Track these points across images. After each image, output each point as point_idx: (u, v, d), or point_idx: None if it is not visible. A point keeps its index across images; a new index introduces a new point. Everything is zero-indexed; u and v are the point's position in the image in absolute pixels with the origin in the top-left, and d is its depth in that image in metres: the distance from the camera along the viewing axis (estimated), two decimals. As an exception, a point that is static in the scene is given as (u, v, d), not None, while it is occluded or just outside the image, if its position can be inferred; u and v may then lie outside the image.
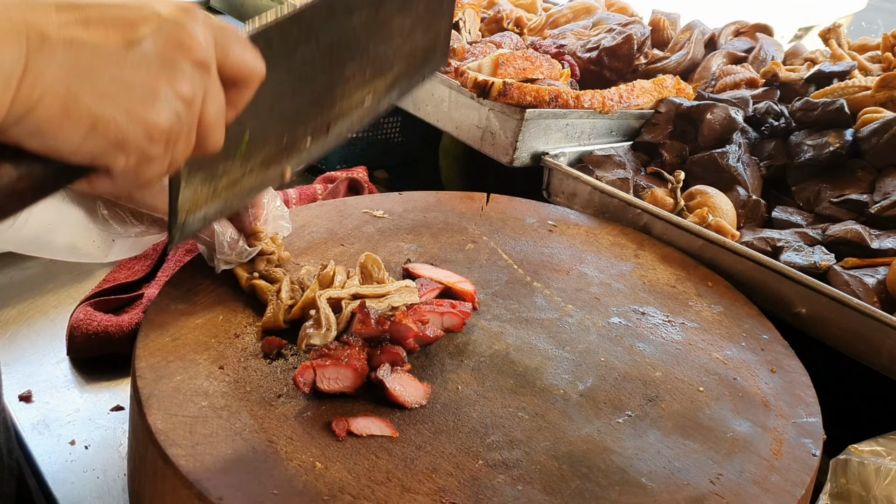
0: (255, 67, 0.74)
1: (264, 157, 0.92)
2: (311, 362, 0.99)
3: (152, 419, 0.92)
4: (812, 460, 0.97)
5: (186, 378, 0.99)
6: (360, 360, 1.01)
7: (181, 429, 0.91)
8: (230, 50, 0.71)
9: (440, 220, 1.42)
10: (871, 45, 2.05)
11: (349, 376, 1.00)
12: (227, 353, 1.05)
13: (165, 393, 0.96)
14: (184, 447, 0.89)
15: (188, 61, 0.66)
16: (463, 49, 1.92)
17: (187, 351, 1.04)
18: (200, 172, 0.84)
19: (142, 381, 0.97)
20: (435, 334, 1.10)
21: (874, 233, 1.40)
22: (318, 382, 0.99)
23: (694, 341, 1.17)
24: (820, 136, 1.60)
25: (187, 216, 0.87)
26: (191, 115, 0.68)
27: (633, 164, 1.66)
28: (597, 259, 1.36)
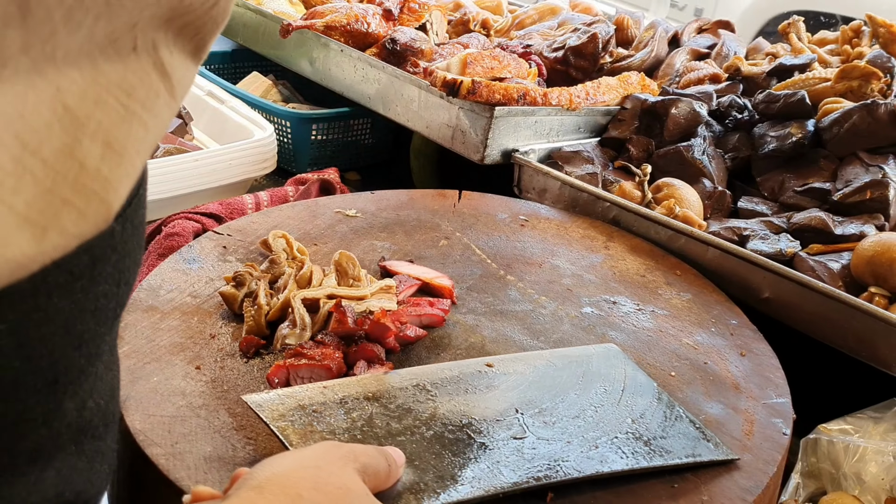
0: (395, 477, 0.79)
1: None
2: (284, 362, 1.00)
3: (130, 420, 0.92)
4: (783, 439, 1.00)
5: (163, 379, 0.99)
6: (334, 360, 1.01)
7: (159, 428, 0.92)
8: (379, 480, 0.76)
9: (413, 218, 1.43)
10: (829, 38, 2.10)
11: (323, 375, 1.00)
12: (203, 354, 1.05)
13: (142, 394, 0.96)
14: (163, 446, 0.89)
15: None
16: (431, 50, 1.93)
17: (163, 353, 1.04)
18: None
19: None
20: (416, 334, 1.10)
21: (837, 219, 1.43)
22: (292, 381, 0.99)
23: (664, 328, 1.19)
24: (782, 128, 1.64)
25: None
26: None
27: (601, 160, 1.69)
28: (568, 252, 1.38)
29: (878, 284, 1.28)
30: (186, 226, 1.47)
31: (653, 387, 1.02)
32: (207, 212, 1.53)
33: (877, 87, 1.67)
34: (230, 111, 1.95)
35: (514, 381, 1.00)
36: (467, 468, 0.86)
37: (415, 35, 1.94)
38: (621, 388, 1.01)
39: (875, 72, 1.67)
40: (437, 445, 0.88)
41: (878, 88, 1.67)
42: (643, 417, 0.97)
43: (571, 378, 1.02)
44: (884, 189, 1.45)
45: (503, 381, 1.00)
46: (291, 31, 2.00)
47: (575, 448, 0.91)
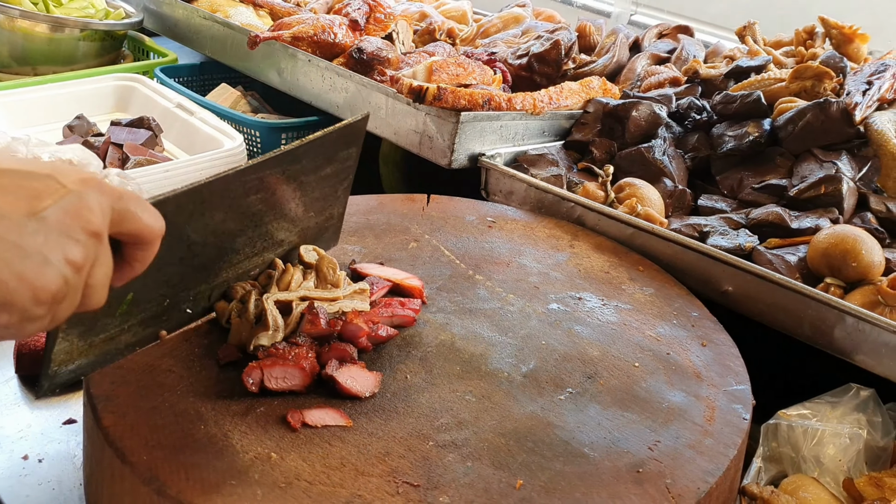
0: (155, 227, 0.78)
1: (143, 317, 0.97)
2: (258, 362, 1.02)
3: (107, 421, 0.94)
4: (743, 423, 1.04)
5: (140, 382, 1.01)
6: (308, 360, 1.03)
7: (137, 428, 0.93)
8: (129, 214, 0.75)
9: (382, 222, 1.46)
10: (784, 41, 2.16)
11: (297, 375, 1.02)
12: (178, 357, 1.07)
13: (119, 396, 0.98)
14: (140, 446, 0.91)
15: (83, 231, 0.70)
16: (397, 59, 1.97)
17: (139, 356, 1.06)
18: (79, 327, 0.88)
19: (95, 388, 0.99)
20: (388, 334, 1.13)
21: (794, 214, 1.48)
22: (266, 382, 1.01)
23: (628, 322, 1.22)
24: (740, 127, 1.69)
25: (59, 367, 0.90)
26: (78, 279, 0.71)
27: (566, 162, 1.73)
28: (534, 251, 1.41)
29: (834, 275, 1.32)
30: (158, 235, 1.48)
31: None
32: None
33: (829, 87, 1.73)
34: (200, 122, 1.97)
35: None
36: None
37: (381, 44, 1.97)
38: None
39: (827, 71, 1.73)
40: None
41: (830, 87, 1.73)
42: None
43: None
44: (837, 184, 1.50)
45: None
46: (259, 43, 2.02)
47: None
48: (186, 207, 0.93)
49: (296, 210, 1.12)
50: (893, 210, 1.50)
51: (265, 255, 1.12)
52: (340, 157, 1.15)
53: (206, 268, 1.03)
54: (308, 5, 2.50)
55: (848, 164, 1.57)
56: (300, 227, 1.15)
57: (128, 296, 0.92)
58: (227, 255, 1.06)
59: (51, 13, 2.34)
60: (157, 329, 1.01)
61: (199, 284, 1.04)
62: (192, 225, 0.95)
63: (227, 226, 1.01)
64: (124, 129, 1.83)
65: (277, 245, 1.14)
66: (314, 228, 1.18)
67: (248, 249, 1.08)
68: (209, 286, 1.07)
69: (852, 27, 1.95)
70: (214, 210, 0.97)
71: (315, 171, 1.11)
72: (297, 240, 1.17)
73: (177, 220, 0.91)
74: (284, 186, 1.07)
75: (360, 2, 2.20)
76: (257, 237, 1.08)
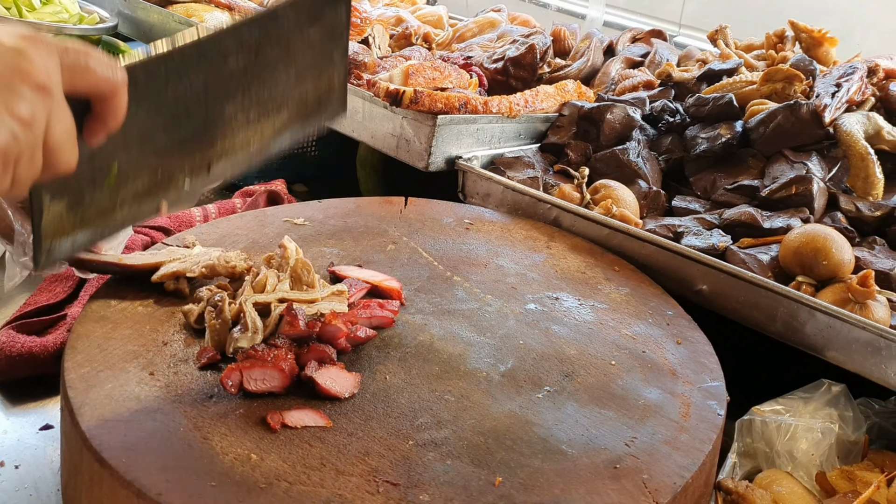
0: (112, 77, 0.76)
1: (137, 191, 0.95)
2: (237, 364, 1.02)
3: (86, 425, 0.94)
4: (717, 419, 1.05)
5: (117, 385, 1.01)
6: (287, 361, 1.03)
7: (115, 432, 0.93)
8: (80, 68, 0.74)
9: (361, 225, 1.47)
10: (755, 44, 2.19)
11: (276, 376, 1.02)
12: (156, 361, 1.07)
13: (97, 400, 0.98)
14: (119, 449, 0.91)
15: (27, 85, 0.70)
16: (374, 63, 1.97)
17: (116, 360, 1.06)
18: (65, 198, 0.87)
19: (72, 391, 0.99)
20: (367, 335, 1.13)
21: (766, 214, 1.51)
22: (246, 384, 1.02)
23: (604, 321, 1.24)
24: (712, 129, 1.71)
25: (53, 241, 0.89)
26: (31, 135, 0.71)
27: (542, 164, 1.74)
28: (512, 252, 1.43)
29: (805, 273, 1.34)
30: (136, 238, 1.48)
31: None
32: (156, 225, 1.55)
33: (799, 89, 1.75)
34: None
35: None
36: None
37: (357, 48, 1.97)
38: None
39: (797, 74, 1.76)
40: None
41: (800, 90, 1.75)
42: None
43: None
44: (808, 184, 1.53)
45: None
46: (235, 47, 2.02)
47: None
48: (159, 73, 0.90)
49: (287, 76, 1.07)
50: (862, 209, 1.53)
51: (262, 125, 1.07)
52: (328, 18, 1.10)
53: (197, 137, 0.99)
54: (284, 10, 2.50)
55: (818, 165, 1.59)
56: (297, 96, 1.10)
57: (113, 167, 0.89)
58: (219, 124, 1.01)
59: (23, 18, 2.33)
60: (155, 203, 0.98)
61: (192, 155, 1.00)
62: (169, 91, 0.92)
63: (210, 92, 0.97)
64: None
65: (274, 114, 1.08)
66: (314, 99, 1.13)
67: (241, 117, 1.03)
68: (204, 157, 1.02)
69: (821, 31, 1.98)
70: (192, 74, 0.94)
71: (300, 32, 1.06)
72: (296, 111, 1.11)
73: (151, 86, 0.89)
74: (268, 49, 1.02)
75: (335, 6, 2.20)
76: (249, 105, 1.04)
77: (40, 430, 1.21)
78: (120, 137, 0.83)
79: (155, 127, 0.92)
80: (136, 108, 0.81)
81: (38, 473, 1.14)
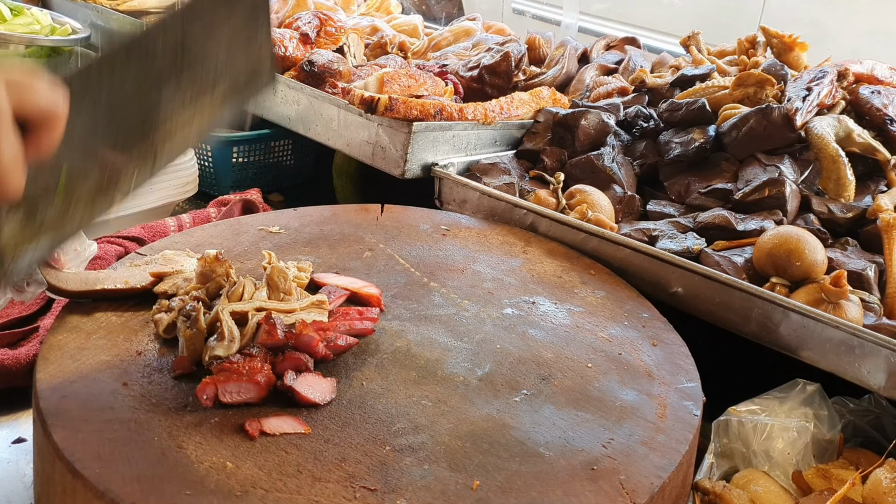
0: (56, 106, 0.76)
1: (89, 189, 0.95)
2: (211, 377, 1.01)
3: (58, 436, 0.93)
4: (694, 419, 1.06)
5: (90, 396, 1.00)
6: (262, 373, 1.02)
7: (88, 442, 0.92)
8: (27, 94, 0.73)
9: (337, 232, 1.46)
10: (728, 50, 2.22)
11: (251, 389, 1.01)
12: (130, 370, 1.06)
13: (70, 411, 0.97)
14: (92, 460, 0.90)
15: None
16: (349, 72, 1.97)
17: (89, 370, 1.05)
18: (20, 210, 0.86)
19: (45, 402, 0.98)
20: (348, 343, 1.13)
21: (739, 217, 1.52)
22: (221, 396, 1.01)
23: (581, 324, 1.24)
24: (686, 134, 1.73)
25: (15, 254, 0.88)
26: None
27: (518, 171, 1.75)
28: (488, 257, 1.43)
29: (779, 275, 1.36)
30: (109, 249, 1.47)
31: None
32: (130, 235, 1.53)
33: (771, 93, 1.77)
34: (150, 137, 1.95)
35: None
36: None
37: (332, 57, 1.97)
38: None
39: (769, 79, 1.78)
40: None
41: (772, 94, 1.77)
42: None
43: None
44: (781, 187, 1.54)
45: None
46: (209, 57, 2.01)
47: None
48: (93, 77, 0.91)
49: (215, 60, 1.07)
50: (835, 211, 1.54)
51: (200, 102, 1.07)
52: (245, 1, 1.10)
53: (138, 126, 0.99)
54: (258, 20, 2.50)
55: (790, 168, 1.61)
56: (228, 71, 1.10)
57: (62, 171, 0.89)
58: (157, 109, 1.01)
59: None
60: (109, 198, 0.98)
61: (137, 144, 1.00)
62: (104, 90, 0.93)
63: (144, 82, 0.97)
64: (72, 144, 1.80)
65: (210, 90, 1.08)
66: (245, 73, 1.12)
67: (178, 97, 1.03)
68: (150, 144, 1.02)
69: (792, 36, 2.00)
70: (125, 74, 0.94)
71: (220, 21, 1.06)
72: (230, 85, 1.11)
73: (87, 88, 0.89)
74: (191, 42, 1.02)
75: (310, 15, 2.21)
76: (185, 87, 1.04)
77: (13, 444, 1.20)
78: (65, 140, 0.83)
79: (97, 125, 0.92)
80: (77, 111, 0.81)
81: (11, 487, 1.13)
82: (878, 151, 1.64)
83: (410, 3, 3.23)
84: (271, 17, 1.14)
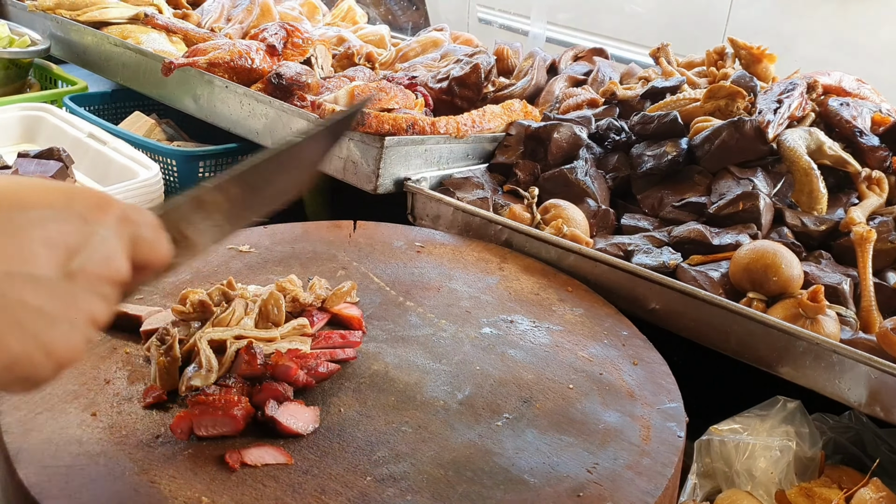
0: (160, 257, 0.75)
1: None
2: (186, 412, 0.97)
3: (24, 473, 0.88)
4: (678, 441, 1.04)
5: (57, 428, 0.96)
6: (239, 406, 0.98)
7: (56, 479, 0.88)
8: (141, 243, 0.72)
9: (309, 250, 1.43)
10: (696, 61, 2.22)
11: (228, 423, 0.97)
12: (98, 400, 1.02)
13: (36, 445, 0.93)
14: (61, 498, 0.86)
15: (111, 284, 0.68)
16: (317, 84, 1.94)
17: (56, 401, 1.00)
18: None
19: (9, 437, 0.93)
20: (329, 370, 1.09)
21: (714, 231, 1.52)
22: (196, 430, 0.97)
23: (560, 343, 1.23)
24: (658, 147, 1.72)
25: None
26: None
27: (491, 185, 1.73)
28: (464, 275, 1.41)
29: (756, 290, 1.35)
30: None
31: None
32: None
33: (742, 105, 1.78)
34: (113, 152, 1.91)
35: None
36: None
37: (300, 69, 1.94)
38: None
39: (740, 91, 1.79)
40: None
41: (743, 106, 1.78)
42: None
43: None
44: (755, 200, 1.54)
45: None
46: (174, 69, 1.97)
47: None
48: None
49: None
50: (808, 224, 1.55)
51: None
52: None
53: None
54: (223, 31, 2.46)
55: (763, 181, 1.61)
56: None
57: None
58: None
59: (-50, 41, 2.24)
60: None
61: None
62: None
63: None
64: (32, 160, 1.75)
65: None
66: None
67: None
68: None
69: (760, 48, 2.01)
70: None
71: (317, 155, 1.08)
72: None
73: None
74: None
75: (276, 27, 2.17)
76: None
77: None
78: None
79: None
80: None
81: (-28, 524, 1.08)
82: (848, 164, 1.65)
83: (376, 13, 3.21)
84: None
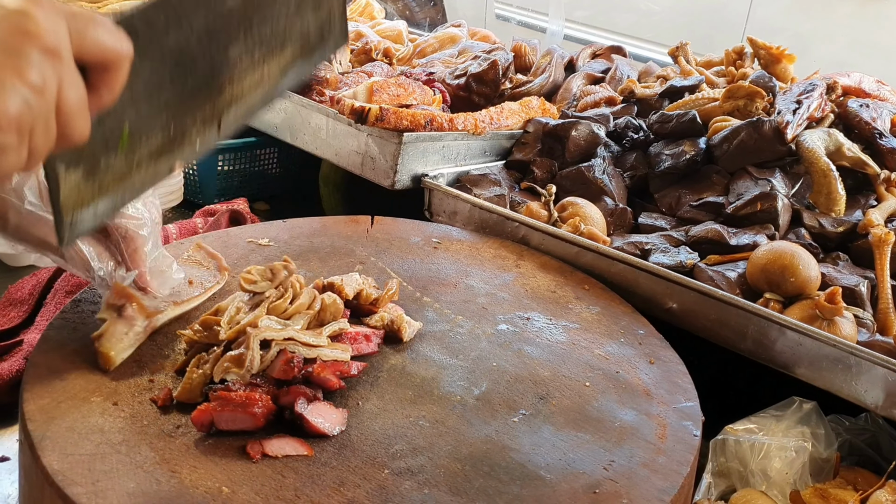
0: (119, 48, 0.73)
1: (151, 150, 0.90)
2: (207, 405, 0.97)
3: (47, 460, 0.90)
4: (694, 440, 1.05)
5: (80, 417, 0.97)
6: (259, 405, 0.98)
7: (79, 467, 0.90)
8: (87, 34, 0.70)
9: (327, 245, 1.44)
10: (715, 60, 2.22)
11: (247, 420, 0.98)
12: (119, 390, 1.03)
13: (59, 433, 0.94)
14: (83, 485, 0.87)
15: (35, 49, 0.66)
16: (336, 79, 1.95)
17: (78, 390, 1.02)
18: (80, 167, 0.83)
19: (32, 424, 0.95)
20: (359, 370, 1.09)
21: (732, 231, 1.52)
22: (217, 424, 0.97)
23: (577, 341, 1.23)
24: (676, 146, 1.72)
25: (74, 214, 0.84)
26: (43, 103, 0.67)
27: (508, 182, 1.74)
28: (481, 271, 1.41)
29: (773, 290, 1.35)
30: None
31: None
32: (115, 246, 1.50)
33: (761, 106, 1.77)
34: (132, 144, 1.92)
35: None
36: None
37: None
38: None
39: (759, 91, 1.78)
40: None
41: (762, 107, 1.77)
42: None
43: None
44: (773, 201, 1.54)
45: None
46: (193, 63, 1.98)
47: None
48: (157, 21, 0.85)
49: (286, 8, 1.01)
50: (826, 225, 1.55)
51: (269, 64, 1.01)
52: None
53: (205, 86, 0.94)
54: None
55: (781, 181, 1.61)
56: (299, 29, 1.04)
57: (124, 128, 0.85)
58: (225, 69, 0.96)
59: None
60: (171, 161, 0.93)
61: (202, 106, 0.95)
62: (171, 39, 0.87)
63: (213, 35, 0.92)
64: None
65: (279, 51, 1.02)
66: (315, 31, 1.06)
67: (246, 59, 0.98)
68: (215, 106, 0.96)
69: (779, 48, 2.01)
70: (192, 18, 0.89)
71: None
72: (299, 46, 1.04)
73: (152, 36, 0.84)
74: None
75: (296, 21, 2.18)
76: (253, 45, 0.98)
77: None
78: (127, 94, 0.78)
79: (161, 80, 0.88)
80: (140, 62, 0.77)
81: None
82: (867, 165, 1.64)
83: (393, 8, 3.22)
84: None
